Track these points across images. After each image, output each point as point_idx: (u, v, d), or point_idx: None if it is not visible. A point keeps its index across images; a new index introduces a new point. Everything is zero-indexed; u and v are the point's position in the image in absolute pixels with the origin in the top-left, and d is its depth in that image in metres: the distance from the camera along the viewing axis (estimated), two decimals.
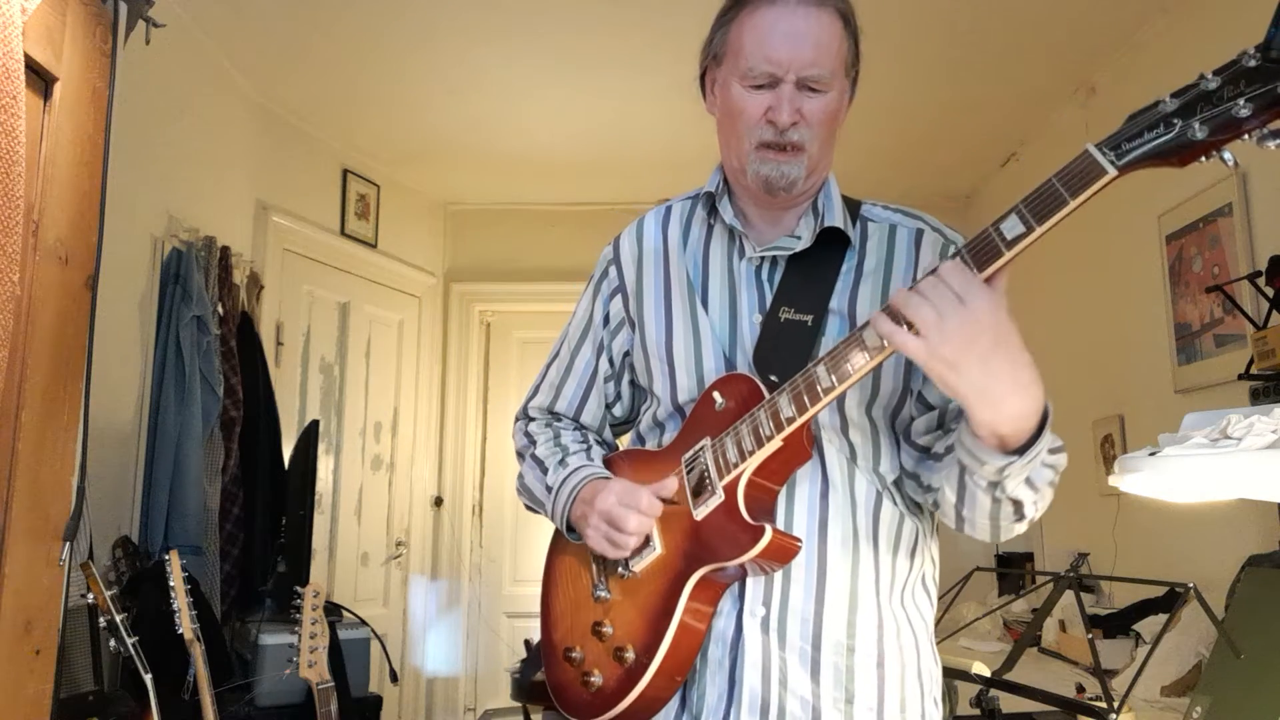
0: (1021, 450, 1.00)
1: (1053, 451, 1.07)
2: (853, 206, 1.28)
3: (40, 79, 1.61)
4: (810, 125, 1.17)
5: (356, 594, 4.16)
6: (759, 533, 1.09)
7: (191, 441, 2.87)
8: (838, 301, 1.19)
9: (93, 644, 2.16)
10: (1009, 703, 1.73)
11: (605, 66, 3.47)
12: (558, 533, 1.35)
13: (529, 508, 1.40)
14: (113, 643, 2.05)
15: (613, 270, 1.36)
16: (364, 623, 3.13)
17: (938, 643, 1.26)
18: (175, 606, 2.19)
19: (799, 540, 1.12)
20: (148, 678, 2.04)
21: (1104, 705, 1.39)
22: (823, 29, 1.16)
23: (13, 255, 1.38)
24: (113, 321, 2.61)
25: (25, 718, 1.58)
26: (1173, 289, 3.04)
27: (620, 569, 1.22)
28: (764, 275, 1.24)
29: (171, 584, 2.21)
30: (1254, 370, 2.43)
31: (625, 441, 1.44)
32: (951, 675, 1.85)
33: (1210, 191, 2.83)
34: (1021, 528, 1.12)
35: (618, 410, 1.42)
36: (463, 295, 4.95)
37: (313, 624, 2.39)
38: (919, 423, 1.18)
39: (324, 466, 4.02)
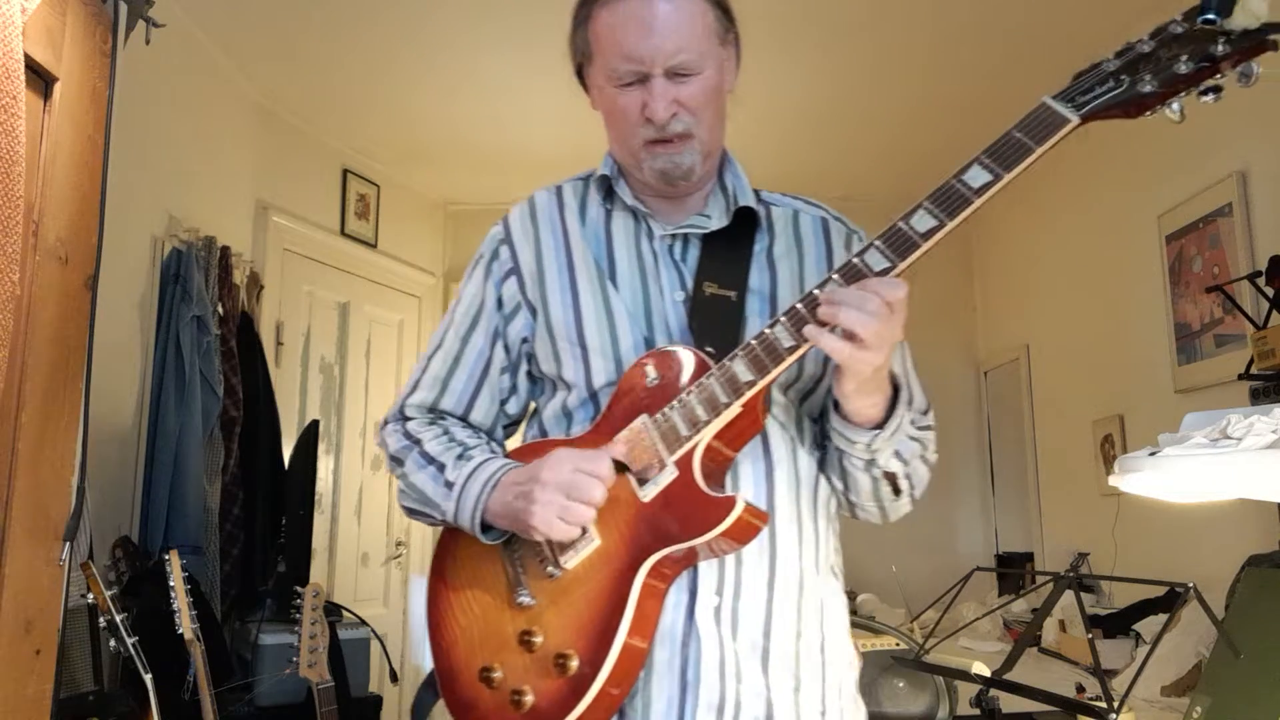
0: (883, 423, 1.08)
1: (920, 427, 1.15)
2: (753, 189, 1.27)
3: (40, 79, 1.61)
4: (691, 111, 1.13)
5: (356, 594, 4.16)
6: (729, 504, 1.01)
7: (191, 441, 2.87)
8: (757, 281, 1.19)
9: (93, 644, 2.16)
10: (1009, 703, 1.73)
11: None
12: (445, 541, 1.21)
13: (413, 512, 1.22)
14: (113, 643, 2.05)
15: (504, 250, 1.26)
16: (364, 623, 3.13)
17: (938, 643, 1.26)
18: (175, 606, 2.19)
19: (765, 513, 1.05)
20: (148, 678, 2.03)
21: (1104, 705, 1.39)
22: (678, 10, 1.10)
23: (13, 255, 1.38)
24: (113, 321, 2.61)
25: (25, 718, 1.58)
26: (1173, 289, 3.04)
27: (549, 568, 1.09)
28: (676, 254, 1.20)
29: (171, 584, 2.20)
30: (1254, 370, 2.43)
31: (515, 443, 1.28)
32: (951, 675, 1.85)
33: (1210, 191, 2.83)
34: (905, 504, 1.19)
35: (512, 406, 1.27)
36: None
37: (313, 624, 2.39)
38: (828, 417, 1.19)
39: (324, 466, 4.02)
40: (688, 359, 1.08)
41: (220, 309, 3.18)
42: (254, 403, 3.32)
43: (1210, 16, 0.88)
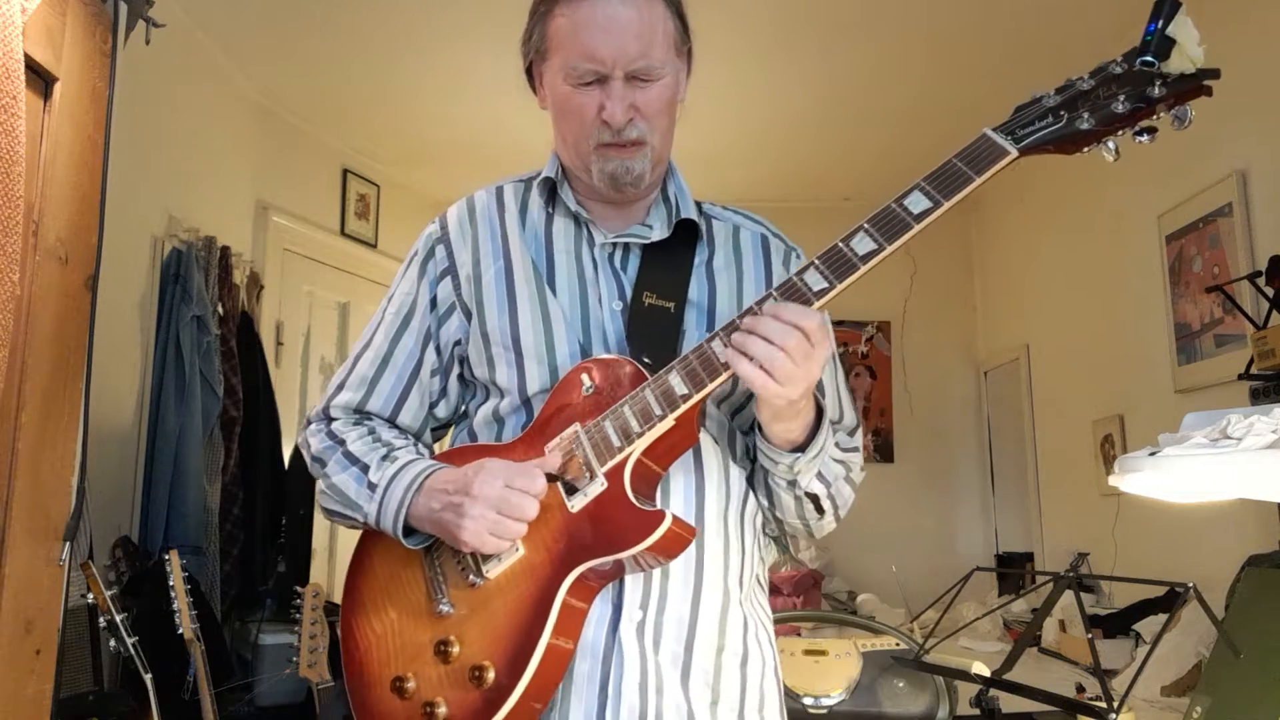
0: (805, 446, 1.09)
1: (846, 449, 1.17)
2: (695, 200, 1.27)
3: (40, 79, 1.61)
4: (647, 118, 1.13)
5: None
6: (657, 518, 1.00)
7: (191, 441, 2.87)
8: (696, 293, 1.18)
9: (93, 644, 2.16)
10: (1009, 703, 1.73)
11: None
12: (363, 547, 1.19)
13: (333, 514, 1.18)
14: (113, 643, 2.05)
15: (440, 250, 1.24)
16: None
17: (938, 643, 1.26)
18: (175, 606, 2.19)
19: (693, 528, 1.04)
20: (148, 678, 2.04)
21: (1104, 705, 1.39)
22: (642, 15, 1.10)
23: (13, 255, 1.38)
24: (113, 321, 2.61)
25: (25, 718, 1.58)
26: (1173, 289, 3.04)
27: (470, 576, 1.07)
28: (617, 263, 1.19)
29: (171, 584, 2.21)
30: (1254, 370, 2.43)
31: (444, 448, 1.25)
32: (951, 675, 1.85)
33: (1210, 191, 2.83)
34: (829, 523, 1.20)
35: (441, 410, 1.24)
36: None
37: (313, 624, 2.39)
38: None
39: None
40: (624, 369, 1.07)
41: (220, 309, 3.18)
42: (254, 403, 3.32)
43: (1149, 59, 0.91)
